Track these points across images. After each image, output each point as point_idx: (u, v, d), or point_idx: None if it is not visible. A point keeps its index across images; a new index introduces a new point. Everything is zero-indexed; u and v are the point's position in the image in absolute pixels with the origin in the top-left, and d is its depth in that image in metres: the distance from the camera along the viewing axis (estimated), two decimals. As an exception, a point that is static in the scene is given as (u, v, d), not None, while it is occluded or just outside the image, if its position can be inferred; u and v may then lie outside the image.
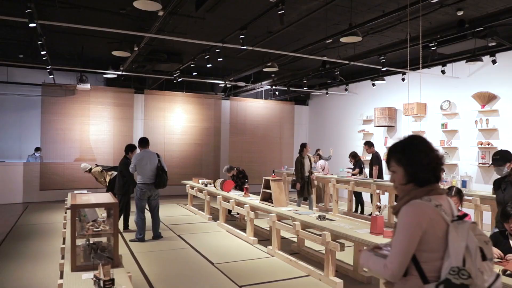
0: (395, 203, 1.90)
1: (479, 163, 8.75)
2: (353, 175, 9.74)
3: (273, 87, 12.23)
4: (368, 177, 9.61)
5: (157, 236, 7.04)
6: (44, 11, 6.98)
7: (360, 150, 11.32)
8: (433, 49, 7.31)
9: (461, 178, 7.25)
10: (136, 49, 8.05)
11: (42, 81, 11.21)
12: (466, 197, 4.75)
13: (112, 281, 2.59)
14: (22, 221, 8.53)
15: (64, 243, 4.03)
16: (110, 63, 10.54)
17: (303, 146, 8.79)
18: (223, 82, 11.79)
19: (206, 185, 9.25)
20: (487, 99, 8.65)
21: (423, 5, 5.53)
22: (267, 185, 6.68)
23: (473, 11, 6.70)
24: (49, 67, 9.39)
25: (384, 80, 10.46)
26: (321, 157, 11.36)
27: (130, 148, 7.63)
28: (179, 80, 10.87)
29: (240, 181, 9.12)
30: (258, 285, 4.86)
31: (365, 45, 8.56)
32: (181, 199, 11.49)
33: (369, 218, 4.64)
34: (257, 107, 14.40)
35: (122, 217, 7.54)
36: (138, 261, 5.78)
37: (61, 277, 3.03)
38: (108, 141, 12.07)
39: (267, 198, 6.78)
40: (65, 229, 4.72)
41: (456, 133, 9.43)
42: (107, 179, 8.77)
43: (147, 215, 7.09)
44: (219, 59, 8.20)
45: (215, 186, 8.79)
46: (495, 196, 4.32)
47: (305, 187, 8.61)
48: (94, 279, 2.69)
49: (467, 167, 8.87)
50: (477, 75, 8.98)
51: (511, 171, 4.11)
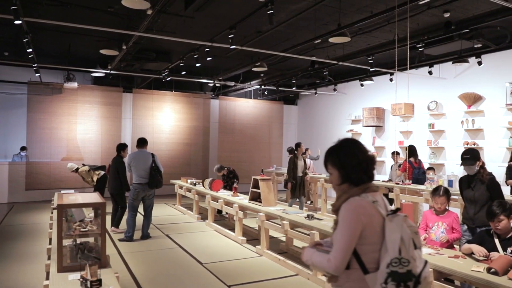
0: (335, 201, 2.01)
1: (465, 163, 8.85)
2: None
3: (262, 87, 12.24)
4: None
5: (145, 236, 7.01)
6: (30, 8, 6.88)
7: (348, 149, 11.37)
8: (420, 50, 7.39)
9: (447, 177, 7.34)
10: (124, 47, 7.98)
11: (28, 79, 11.05)
12: (452, 197, 4.80)
13: (99, 281, 2.57)
14: (7, 221, 8.41)
15: (50, 243, 3.98)
16: (98, 62, 10.44)
17: (297, 146, 8.75)
18: (212, 81, 11.76)
19: (194, 185, 9.23)
20: (473, 99, 8.78)
21: (410, 6, 5.58)
22: (256, 185, 6.69)
23: (459, 13, 6.78)
24: (36, 65, 9.26)
25: (372, 80, 10.55)
26: (309, 157, 11.40)
27: (121, 146, 7.62)
28: (168, 79, 10.81)
29: (230, 180, 9.09)
30: (246, 284, 4.87)
31: (353, 45, 8.61)
32: (170, 198, 11.44)
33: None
34: (246, 107, 14.39)
35: (117, 216, 7.58)
36: (126, 261, 5.74)
37: (47, 278, 3.00)
38: (95, 140, 11.95)
39: (256, 197, 6.78)
40: (51, 229, 4.66)
41: (443, 133, 9.54)
42: (95, 179, 8.70)
43: (140, 214, 7.06)
44: (208, 59, 8.18)
45: (203, 185, 8.76)
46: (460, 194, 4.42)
47: (297, 187, 8.55)
48: (81, 279, 2.67)
49: (453, 167, 8.98)
50: (463, 76, 9.10)
51: (480, 169, 4.20)
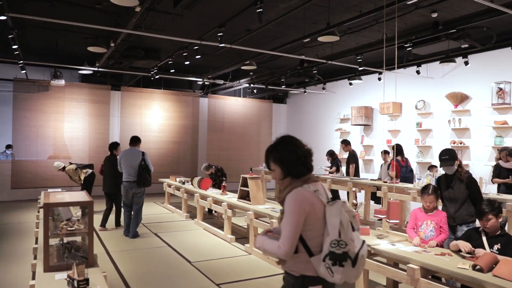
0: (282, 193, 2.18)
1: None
2: (330, 173, 9.85)
3: (251, 85, 12.24)
4: (344, 175, 9.73)
5: (133, 235, 6.97)
6: (16, 4, 6.77)
7: (337, 148, 11.45)
8: (408, 49, 7.46)
9: (435, 175, 7.42)
10: (112, 45, 7.91)
11: (13, 76, 10.88)
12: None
13: (86, 281, 2.55)
14: (-8, 220, 8.29)
15: (36, 243, 3.93)
16: (85, 59, 10.32)
17: None
18: (201, 79, 11.73)
19: (183, 183, 9.20)
20: (459, 99, 8.89)
21: (399, 6, 5.63)
22: (245, 183, 6.69)
23: (446, 14, 6.86)
24: (21, 62, 9.13)
25: (361, 79, 10.61)
26: None
27: (113, 145, 7.72)
28: (156, 77, 10.74)
29: (218, 179, 9.07)
30: (235, 283, 4.87)
31: (342, 44, 8.65)
32: (159, 197, 11.38)
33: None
34: (235, 105, 14.38)
35: (114, 215, 7.68)
36: (114, 260, 5.70)
37: (33, 278, 2.96)
38: (83, 138, 11.84)
39: (245, 196, 6.79)
40: (37, 228, 4.60)
41: (430, 132, 9.65)
42: (82, 177, 8.62)
43: None
44: (197, 57, 8.15)
45: (192, 184, 8.74)
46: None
47: None
48: (68, 279, 2.64)
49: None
50: (450, 75, 9.20)
51: (458, 167, 4.26)
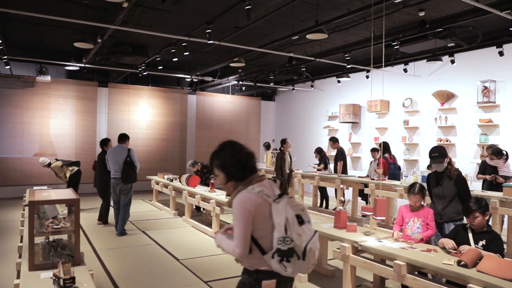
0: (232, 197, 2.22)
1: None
2: (318, 170, 9.89)
3: (240, 83, 12.21)
4: (332, 172, 9.79)
5: (120, 232, 6.94)
6: (0, -1, 6.65)
7: (325, 145, 11.51)
8: (396, 48, 7.51)
9: (421, 173, 7.52)
10: (99, 41, 7.81)
11: (-2, 72, 10.71)
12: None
13: (72, 279, 2.53)
14: (-24, 218, 8.16)
15: (21, 241, 3.88)
16: (72, 55, 10.17)
17: (283, 142, 8.58)
18: (189, 76, 11.66)
19: (171, 181, 9.15)
20: (446, 97, 8.99)
21: (386, 4, 5.66)
22: (233, 181, 6.68)
23: (433, 12, 6.92)
24: (6, 57, 8.97)
25: (349, 77, 10.66)
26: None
27: (103, 142, 7.81)
28: (144, 73, 10.65)
29: (204, 176, 9.05)
30: (223, 280, 4.87)
31: (330, 42, 8.68)
32: (146, 194, 11.32)
33: (334, 212, 4.74)
34: (223, 102, 14.35)
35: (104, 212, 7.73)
36: (101, 258, 5.65)
37: (18, 277, 2.92)
38: (70, 135, 11.70)
39: (233, 193, 6.77)
40: (22, 226, 4.54)
41: (417, 130, 9.75)
42: (68, 175, 8.52)
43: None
44: (186, 53, 8.10)
45: (180, 181, 8.70)
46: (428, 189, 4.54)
47: (285, 184, 8.39)
48: (53, 278, 2.62)
49: (427, 163, 9.18)
50: (437, 74, 9.31)
51: (448, 165, 4.31)
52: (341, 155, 9.60)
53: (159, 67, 10.07)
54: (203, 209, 8.33)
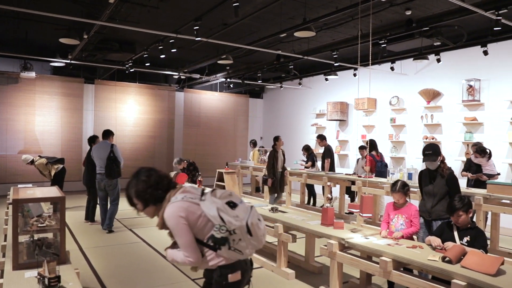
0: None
1: (424, 157, 9.18)
2: (306, 167, 9.93)
3: (228, 80, 12.19)
4: (320, 170, 9.83)
5: (107, 225, 7.03)
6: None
7: (313, 143, 11.55)
8: (383, 46, 7.57)
9: (407, 170, 7.58)
10: (85, 37, 7.70)
11: (-19, 68, 10.52)
12: (412, 189, 4.96)
13: (58, 278, 2.50)
14: (-41, 217, 8.00)
15: (5, 240, 3.83)
16: (57, 51, 10.04)
17: (276, 139, 8.35)
18: (177, 73, 11.59)
19: (159, 178, 9.08)
20: (432, 95, 9.10)
21: (373, 3, 5.70)
22: (221, 178, 6.69)
23: (420, 12, 6.99)
24: (-11, 52, 8.82)
25: (336, 75, 10.71)
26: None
27: (91, 139, 7.85)
28: (131, 70, 10.55)
29: (191, 173, 9.01)
30: (211, 278, 4.86)
31: (318, 40, 8.71)
32: (133, 192, 11.23)
33: (321, 209, 4.77)
34: (211, 100, 14.30)
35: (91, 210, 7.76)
36: (87, 256, 5.60)
37: (1, 276, 2.88)
38: (55, 132, 11.54)
39: (221, 191, 6.76)
40: (6, 225, 4.47)
41: (403, 128, 9.85)
42: (52, 173, 8.41)
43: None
44: (173, 50, 8.05)
45: (168, 179, 8.64)
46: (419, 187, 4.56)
47: (276, 183, 8.26)
48: (38, 277, 2.58)
49: (413, 160, 9.30)
50: (423, 72, 9.41)
51: (441, 163, 4.35)
52: (328, 153, 9.64)
53: (147, 64, 9.99)
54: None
